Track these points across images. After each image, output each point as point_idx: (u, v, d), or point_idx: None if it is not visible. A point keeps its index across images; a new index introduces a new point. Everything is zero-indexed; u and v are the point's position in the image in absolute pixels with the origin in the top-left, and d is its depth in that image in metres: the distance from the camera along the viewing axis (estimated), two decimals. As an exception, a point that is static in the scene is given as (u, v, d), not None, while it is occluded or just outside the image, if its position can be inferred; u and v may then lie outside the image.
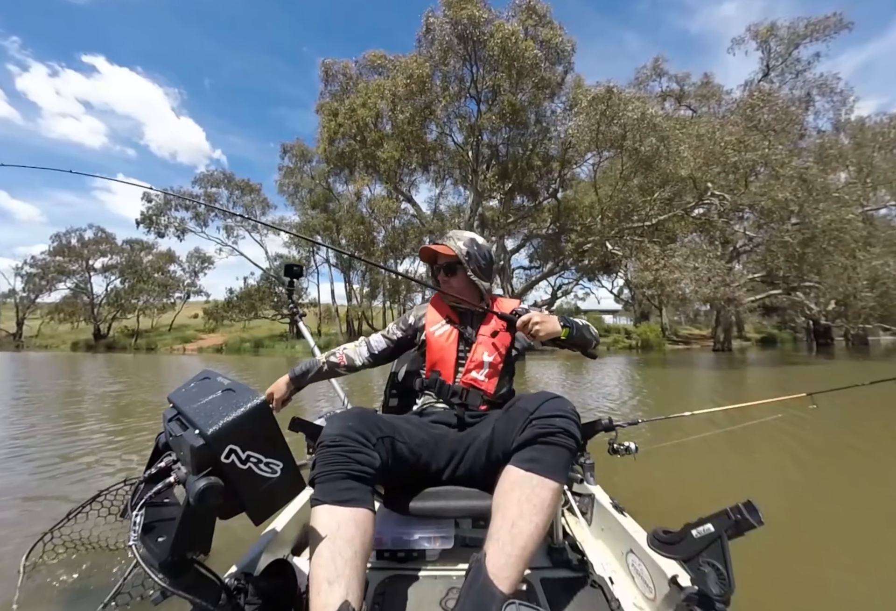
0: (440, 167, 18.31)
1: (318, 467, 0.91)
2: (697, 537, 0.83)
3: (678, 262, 11.44)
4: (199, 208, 27.26)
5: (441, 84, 15.17)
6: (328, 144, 16.85)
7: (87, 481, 2.83)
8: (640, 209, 14.43)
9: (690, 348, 25.58)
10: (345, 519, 0.83)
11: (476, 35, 13.34)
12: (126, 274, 32.52)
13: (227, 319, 29.16)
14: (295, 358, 19.65)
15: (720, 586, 0.77)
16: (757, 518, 0.76)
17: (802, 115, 16.12)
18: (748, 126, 11.82)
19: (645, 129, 11.09)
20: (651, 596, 1.00)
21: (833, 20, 18.28)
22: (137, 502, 0.72)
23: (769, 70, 20.26)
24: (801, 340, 31.90)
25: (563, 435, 0.93)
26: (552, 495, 0.89)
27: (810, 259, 12.34)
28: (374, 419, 1.03)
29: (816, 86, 19.23)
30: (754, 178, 12.07)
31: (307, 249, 31.08)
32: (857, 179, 15.57)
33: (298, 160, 28.12)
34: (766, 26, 19.59)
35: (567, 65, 15.31)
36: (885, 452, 3.30)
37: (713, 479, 2.80)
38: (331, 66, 17.38)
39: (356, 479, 0.89)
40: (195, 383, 0.87)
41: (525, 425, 0.95)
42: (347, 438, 0.93)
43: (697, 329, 36.88)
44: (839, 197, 11.96)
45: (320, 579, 0.75)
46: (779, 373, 10.44)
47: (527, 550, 0.83)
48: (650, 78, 20.16)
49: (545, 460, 0.91)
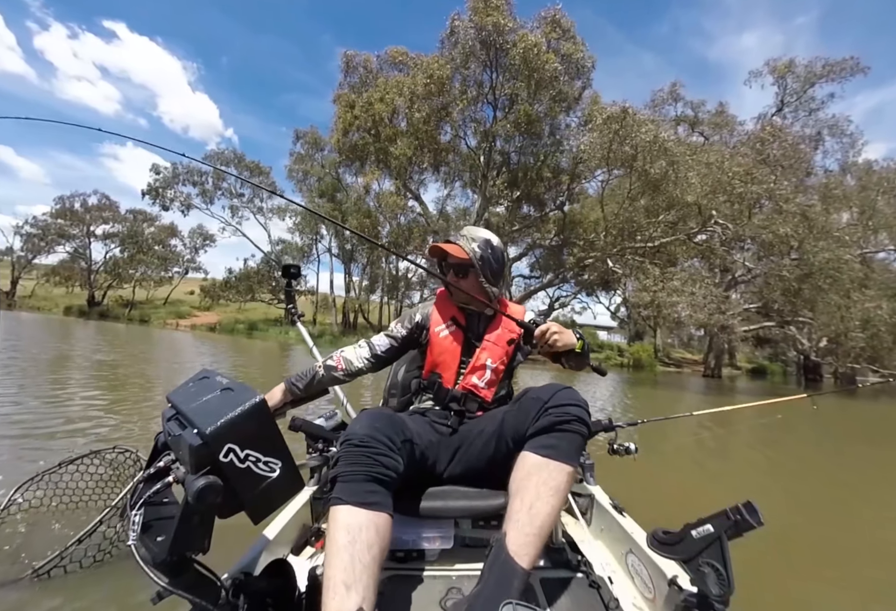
0: (451, 169, 18.36)
1: (342, 465, 0.89)
2: (697, 537, 0.83)
3: (676, 285, 11.54)
4: (206, 185, 27.26)
5: (460, 87, 15.22)
6: (342, 135, 16.88)
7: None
8: (644, 230, 14.52)
9: (681, 372, 25.68)
10: (367, 523, 0.82)
11: (499, 43, 13.40)
12: (126, 243, 32.44)
13: (223, 299, 29.09)
14: (288, 344, 19.66)
15: (720, 587, 0.77)
16: (757, 519, 0.76)
17: (811, 154, 16.25)
18: (757, 159, 11.93)
19: (656, 152, 11.18)
20: (650, 596, 0.99)
21: (850, 63, 18.41)
22: (136, 501, 0.71)
23: (783, 105, 20.37)
24: (790, 373, 32.03)
25: (577, 423, 0.97)
26: (567, 478, 0.94)
27: (805, 295, 12.46)
28: (399, 422, 1.03)
29: (828, 126, 19.38)
30: (758, 210, 12.18)
31: (310, 237, 31.07)
32: (858, 221, 15.71)
33: (311, 148, 28.08)
34: (785, 63, 19.68)
35: (586, 80, 15.42)
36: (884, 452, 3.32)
37: (713, 479, 2.80)
38: (352, 58, 17.39)
39: (380, 482, 0.88)
40: (193, 383, 0.87)
41: (540, 414, 0.98)
42: (375, 440, 0.91)
43: (690, 353, 36.97)
44: (839, 237, 12.08)
45: (337, 581, 0.74)
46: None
47: (544, 529, 0.87)
48: (666, 101, 20.26)
49: (561, 446, 0.95)
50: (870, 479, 2.83)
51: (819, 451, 3.42)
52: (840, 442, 3.65)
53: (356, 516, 0.82)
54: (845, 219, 17.00)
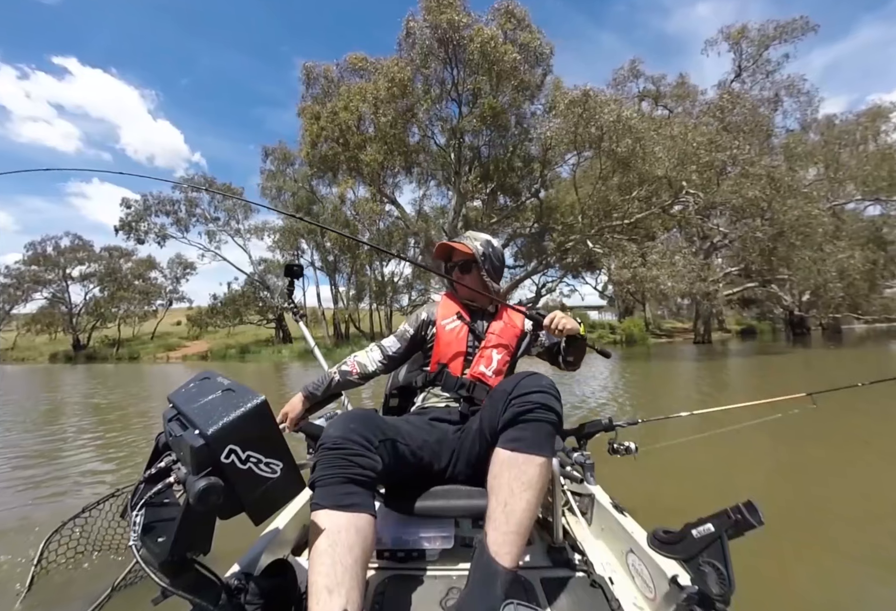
0: (423, 169, 18.46)
1: (318, 469, 0.89)
2: (697, 536, 0.83)
3: (656, 259, 11.84)
4: (180, 213, 26.90)
5: (423, 87, 15.32)
6: (311, 148, 16.83)
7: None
8: (619, 208, 14.84)
9: (673, 341, 26.20)
10: (346, 525, 0.81)
11: (456, 39, 13.54)
12: (105, 282, 31.79)
13: (211, 326, 28.78)
14: (282, 363, 19.54)
15: (720, 586, 0.77)
16: (757, 518, 0.76)
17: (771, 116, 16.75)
18: (719, 127, 12.30)
19: (621, 130, 11.46)
20: (651, 596, 0.98)
21: (800, 23, 19.04)
22: (137, 502, 0.72)
23: (741, 71, 20.94)
24: (779, 330, 32.75)
25: (542, 410, 0.94)
26: (539, 470, 0.91)
27: (780, 253, 12.89)
28: (377, 421, 1.01)
29: (784, 86, 20.00)
30: (726, 176, 12.56)
31: (291, 253, 30.89)
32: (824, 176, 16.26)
33: (280, 163, 27.91)
34: (738, 28, 20.28)
35: (546, 67, 15.61)
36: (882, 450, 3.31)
37: (713, 479, 2.81)
38: (312, 70, 17.34)
39: (358, 483, 0.87)
40: (195, 383, 0.86)
41: (506, 407, 0.97)
42: (349, 441, 0.91)
43: (680, 322, 37.64)
44: (807, 193, 12.53)
45: (320, 586, 0.74)
46: (746, 363, 10.99)
47: (522, 525, 0.87)
48: (627, 79, 20.72)
49: (527, 437, 0.93)
50: (872, 477, 2.83)
51: (821, 448, 3.44)
52: (841, 440, 3.70)
53: (335, 519, 0.82)
54: (812, 174, 17.61)
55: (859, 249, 15.28)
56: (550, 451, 0.95)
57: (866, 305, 15.89)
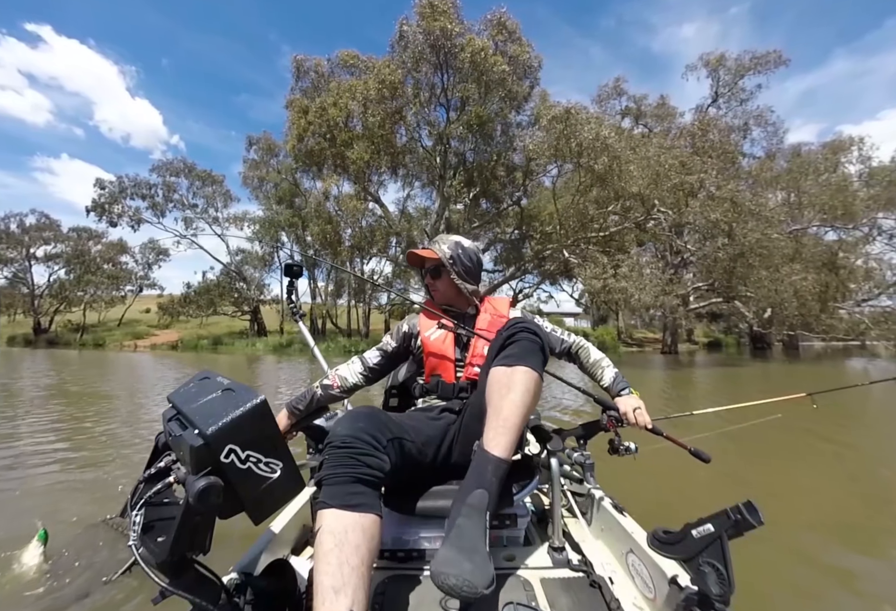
0: (409, 171, 18.65)
1: (326, 468, 0.88)
2: (697, 537, 0.83)
3: (625, 271, 12.43)
4: (156, 198, 26.20)
5: (412, 90, 15.52)
6: (297, 141, 16.76)
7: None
8: (596, 220, 15.43)
9: (643, 350, 27.17)
10: (353, 525, 0.81)
11: (448, 46, 13.82)
12: (72, 264, 30.63)
13: (183, 315, 28.10)
14: (255, 356, 19.35)
15: (720, 586, 0.77)
16: (757, 518, 0.76)
17: (740, 143, 17.73)
18: (691, 151, 13.01)
19: (599, 148, 12.00)
20: (651, 596, 0.99)
21: (773, 56, 20.23)
22: (137, 501, 0.72)
23: (717, 97, 22.04)
24: (744, 344, 34.23)
25: (524, 332, 1.04)
26: (526, 377, 0.98)
27: (739, 273, 13.70)
28: (384, 420, 1.01)
29: (754, 116, 21.24)
30: (694, 198, 13.30)
31: (270, 245, 30.51)
32: (784, 201, 17.30)
33: (265, 154, 27.59)
34: (717, 56, 21.33)
35: (534, 80, 16.11)
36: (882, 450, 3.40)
37: (713, 479, 2.84)
38: (303, 63, 17.30)
39: (365, 483, 0.87)
40: (194, 383, 0.87)
41: (500, 342, 1.07)
42: (358, 440, 0.90)
43: (651, 333, 38.72)
44: (768, 217, 13.35)
45: (326, 586, 0.73)
46: (704, 373, 11.66)
47: (508, 421, 0.93)
48: (611, 96, 21.49)
49: (514, 353, 1.02)
50: (872, 475, 2.86)
51: (819, 448, 3.45)
52: (841, 439, 3.71)
53: (341, 518, 0.81)
54: (780, 198, 18.73)
55: (814, 272, 16.33)
56: (534, 365, 1.01)
57: (816, 324, 16.92)
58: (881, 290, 21.33)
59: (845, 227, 20.05)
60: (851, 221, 19.00)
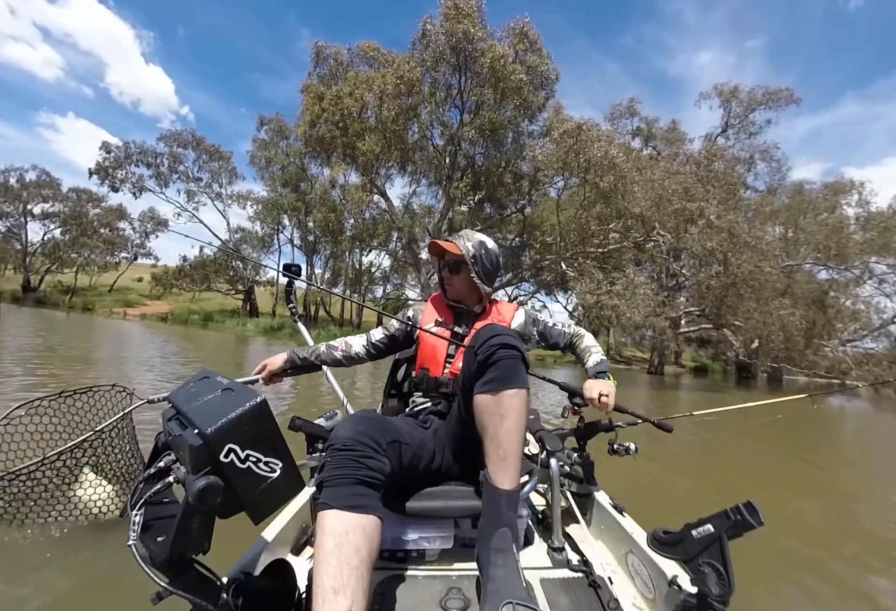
0: (417, 168, 18.70)
1: (327, 470, 0.89)
2: (697, 537, 0.83)
3: (619, 289, 12.60)
4: (161, 167, 26.01)
5: (429, 89, 15.56)
6: (309, 127, 16.77)
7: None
8: (596, 236, 15.59)
9: (630, 369, 27.38)
10: (354, 526, 0.82)
11: (469, 50, 13.87)
12: (69, 225, 30.36)
13: (176, 288, 27.95)
14: (245, 336, 19.32)
15: (720, 587, 0.77)
16: (757, 519, 0.76)
17: (745, 175, 17.99)
18: (694, 180, 13.20)
19: (606, 166, 12.14)
20: (651, 596, 0.99)
21: (785, 94, 20.53)
22: (137, 501, 0.72)
23: (727, 127, 22.31)
24: (730, 372, 34.62)
25: (502, 349, 0.97)
26: (515, 399, 0.95)
27: (729, 302, 13.92)
28: (385, 424, 1.03)
29: (760, 151, 21.53)
30: (693, 224, 13.49)
31: (272, 226, 30.43)
32: (781, 237, 17.56)
33: (275, 135, 27.45)
34: (730, 88, 21.58)
35: (549, 91, 16.19)
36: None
37: (713, 479, 2.81)
38: (323, 50, 17.23)
39: (367, 485, 0.88)
40: (194, 383, 0.87)
41: (475, 361, 1.00)
42: (360, 443, 0.92)
43: (640, 352, 38.99)
44: (762, 250, 13.56)
45: (326, 586, 0.74)
46: (683, 395, 11.84)
47: (510, 450, 0.92)
48: (624, 115, 21.69)
49: (497, 376, 0.96)
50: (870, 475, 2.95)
51: (819, 449, 3.51)
52: (841, 440, 3.79)
53: (343, 519, 0.82)
54: (778, 232, 19.02)
55: (803, 308, 16.59)
56: (520, 382, 0.97)
57: (799, 359, 17.21)
58: (867, 332, 21.69)
59: (837, 267, 20.38)
60: (844, 262, 19.29)
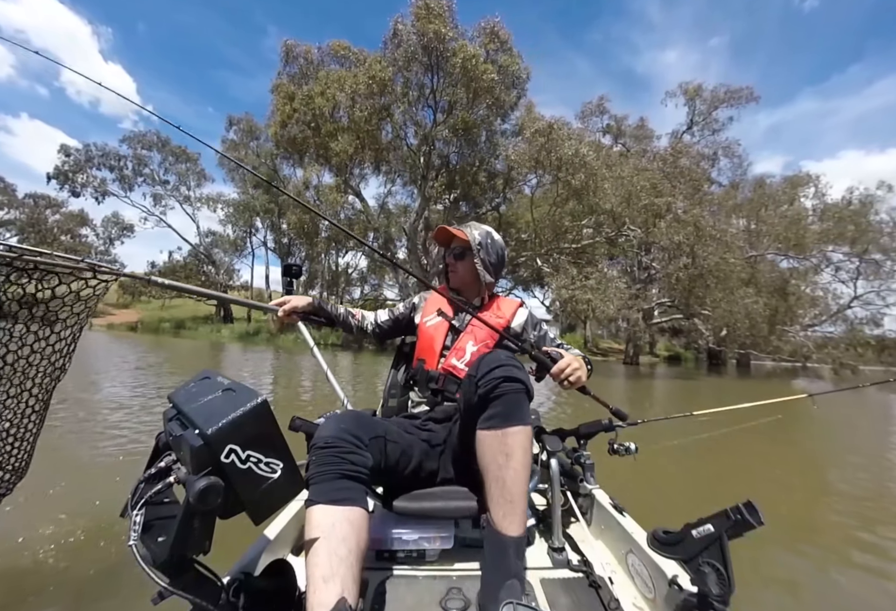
0: (392, 168, 18.67)
1: (312, 468, 0.92)
2: (697, 537, 0.83)
3: (592, 284, 12.97)
4: (125, 170, 25.07)
5: (402, 89, 15.55)
6: (280, 127, 16.51)
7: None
8: (570, 231, 15.96)
9: (607, 360, 28.08)
10: (339, 518, 0.84)
11: (440, 50, 13.93)
12: (26, 233, 28.87)
13: (145, 295, 27.05)
14: (220, 343, 18.88)
15: (720, 587, 0.77)
16: (757, 519, 0.76)
17: (709, 171, 18.78)
18: (662, 175, 13.71)
19: (577, 164, 12.46)
20: (651, 596, 0.99)
21: (746, 92, 21.55)
22: (137, 501, 0.72)
23: (693, 124, 23.19)
24: (702, 360, 35.89)
25: (507, 382, 0.96)
26: (519, 438, 0.94)
27: (697, 292, 14.53)
28: (367, 421, 1.04)
29: (722, 147, 22.56)
30: (661, 219, 14.01)
31: (244, 229, 29.77)
32: (745, 229, 18.40)
33: (245, 135, 26.88)
34: (694, 86, 22.51)
35: (521, 90, 16.39)
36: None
37: (713, 479, 2.82)
38: (292, 48, 16.95)
39: (350, 479, 0.90)
40: (195, 383, 0.87)
41: (475, 392, 0.98)
42: (340, 440, 0.94)
43: (616, 343, 39.86)
44: (726, 242, 14.20)
45: (316, 577, 0.77)
46: (656, 383, 12.33)
47: (515, 493, 0.91)
48: (594, 113, 22.25)
49: (501, 412, 0.95)
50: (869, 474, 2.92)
51: (819, 449, 3.54)
52: (840, 439, 3.80)
53: (328, 513, 0.85)
54: (742, 225, 19.95)
55: (766, 296, 17.45)
56: (525, 418, 0.97)
57: (764, 345, 18.09)
58: (825, 317, 22.93)
59: (797, 257, 21.47)
60: (803, 251, 20.36)
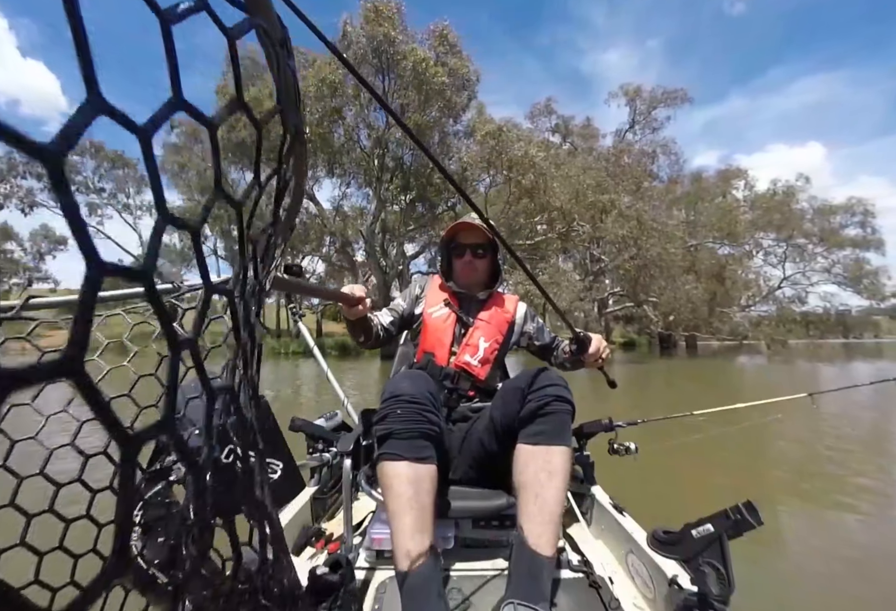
0: (345, 171, 18.58)
1: (395, 422, 0.93)
2: (697, 537, 0.83)
3: (545, 279, 13.62)
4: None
5: (353, 91, 15.55)
6: (226, 132, 16.04)
7: None
8: (524, 229, 16.60)
9: (566, 350, 29.32)
10: (425, 475, 0.90)
11: (391, 53, 14.06)
12: (-62, 250, 26.20)
13: (84, 311, 25.21)
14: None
15: (720, 587, 0.77)
16: (757, 518, 0.76)
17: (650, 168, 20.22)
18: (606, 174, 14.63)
19: (527, 165, 13.03)
20: (651, 596, 0.99)
21: (680, 93, 23.60)
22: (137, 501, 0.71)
23: (634, 124, 24.89)
24: (654, 344, 38.00)
25: (558, 402, 0.97)
26: (563, 458, 0.95)
27: (642, 281, 15.62)
28: (434, 383, 1.08)
29: (660, 145, 24.42)
30: (607, 215, 14.92)
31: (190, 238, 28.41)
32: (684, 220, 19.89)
33: (188, 138, 25.66)
34: (634, 88, 24.40)
35: (472, 92, 16.81)
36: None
37: (713, 479, 2.82)
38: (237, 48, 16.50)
39: (428, 438, 0.94)
40: (194, 383, 0.95)
41: (522, 403, 0.99)
42: (423, 397, 0.97)
43: (575, 334, 41.71)
44: (667, 234, 15.32)
45: (413, 529, 0.83)
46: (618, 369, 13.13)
47: (555, 514, 0.90)
48: (542, 114, 23.36)
49: (548, 430, 0.96)
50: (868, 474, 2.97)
51: (819, 448, 3.59)
52: (839, 438, 3.88)
53: (417, 469, 0.89)
54: (682, 217, 21.58)
55: (705, 282, 18.96)
56: (569, 440, 0.99)
57: (704, 327, 19.60)
58: (758, 298, 25.12)
59: (731, 244, 23.40)
60: (736, 239, 22.23)
